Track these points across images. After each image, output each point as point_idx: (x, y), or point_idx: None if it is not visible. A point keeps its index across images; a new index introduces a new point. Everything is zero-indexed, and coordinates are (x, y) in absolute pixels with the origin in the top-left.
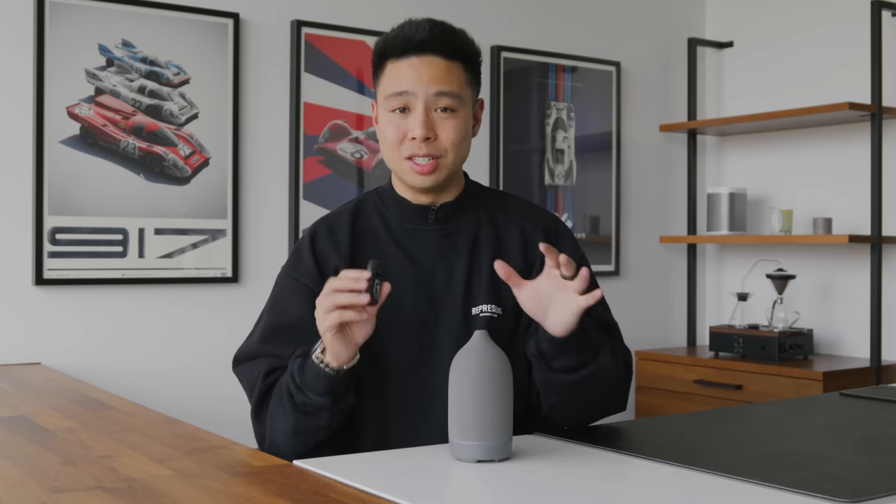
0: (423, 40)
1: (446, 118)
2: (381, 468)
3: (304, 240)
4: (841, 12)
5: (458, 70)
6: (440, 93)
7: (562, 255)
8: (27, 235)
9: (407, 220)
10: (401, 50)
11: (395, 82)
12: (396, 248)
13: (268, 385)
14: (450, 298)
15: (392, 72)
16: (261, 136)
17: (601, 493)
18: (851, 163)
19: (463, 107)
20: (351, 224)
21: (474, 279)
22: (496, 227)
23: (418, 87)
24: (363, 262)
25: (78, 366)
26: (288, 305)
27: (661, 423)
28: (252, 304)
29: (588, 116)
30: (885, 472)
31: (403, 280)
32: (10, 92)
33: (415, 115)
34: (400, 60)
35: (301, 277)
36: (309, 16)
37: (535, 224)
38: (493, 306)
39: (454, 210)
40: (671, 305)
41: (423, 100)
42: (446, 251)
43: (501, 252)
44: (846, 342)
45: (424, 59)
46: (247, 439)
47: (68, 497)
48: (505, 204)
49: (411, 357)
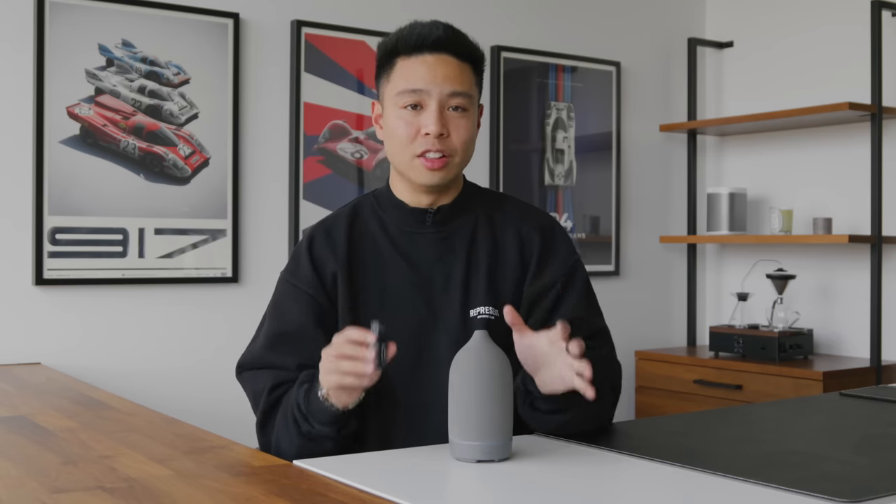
0: (439, 38)
1: (458, 117)
2: (381, 468)
3: (301, 245)
4: (841, 12)
5: (468, 71)
6: (454, 92)
7: (575, 340)
8: (27, 235)
9: (404, 223)
10: (414, 47)
11: (409, 79)
12: (394, 251)
13: (273, 400)
14: (448, 301)
15: (404, 69)
16: (261, 136)
17: (601, 494)
18: (851, 163)
19: (472, 107)
20: (348, 228)
21: (472, 281)
22: (493, 228)
23: (433, 86)
24: (360, 267)
25: (78, 366)
26: (288, 312)
27: (661, 423)
28: (252, 305)
29: (588, 116)
30: (885, 472)
31: (401, 283)
32: (10, 92)
33: (429, 112)
34: (413, 58)
35: (300, 284)
36: (309, 16)
37: (532, 225)
38: (490, 308)
39: (451, 212)
40: (671, 305)
41: (438, 98)
42: (444, 253)
43: (498, 253)
44: (846, 342)
45: (439, 58)
46: (247, 439)
47: (68, 497)
48: (502, 205)
49: (410, 359)
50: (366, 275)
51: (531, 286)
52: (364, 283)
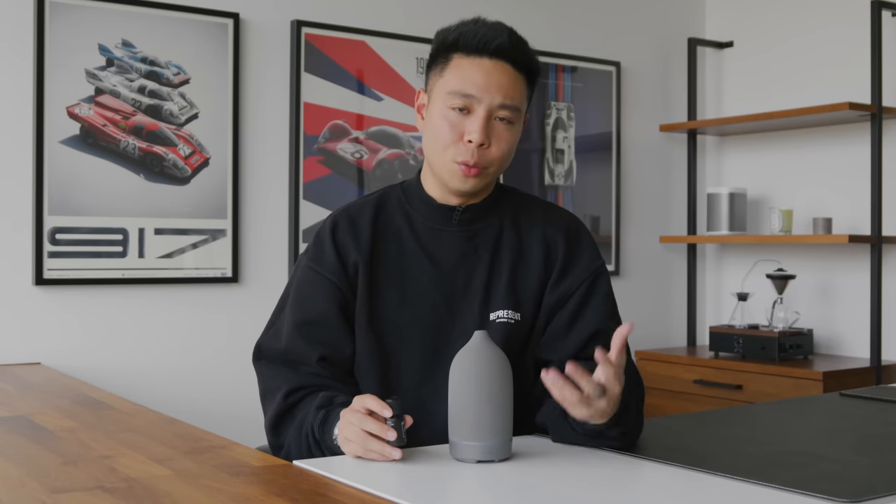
0: (502, 45)
1: (503, 129)
2: (381, 468)
3: (324, 230)
4: (841, 12)
5: (522, 83)
6: (504, 105)
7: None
8: (27, 235)
9: (431, 219)
10: (475, 48)
11: (463, 82)
12: (417, 246)
13: (288, 406)
14: (467, 302)
15: (460, 68)
16: (261, 136)
17: (601, 494)
18: (851, 163)
19: (519, 120)
20: (373, 217)
21: (494, 284)
22: (519, 231)
23: (485, 94)
24: (382, 259)
25: (78, 366)
26: (311, 300)
27: (661, 423)
28: (252, 304)
29: (588, 116)
30: (885, 472)
31: (422, 280)
32: (10, 92)
33: (475, 119)
34: (471, 58)
35: (323, 271)
36: (309, 16)
37: (557, 228)
38: (511, 312)
39: (478, 213)
40: (671, 305)
41: (487, 107)
42: (468, 254)
43: (523, 256)
44: (846, 342)
45: (497, 65)
46: (247, 439)
47: (68, 497)
48: (529, 207)
49: (425, 357)
50: (388, 267)
51: (552, 292)
52: (385, 275)
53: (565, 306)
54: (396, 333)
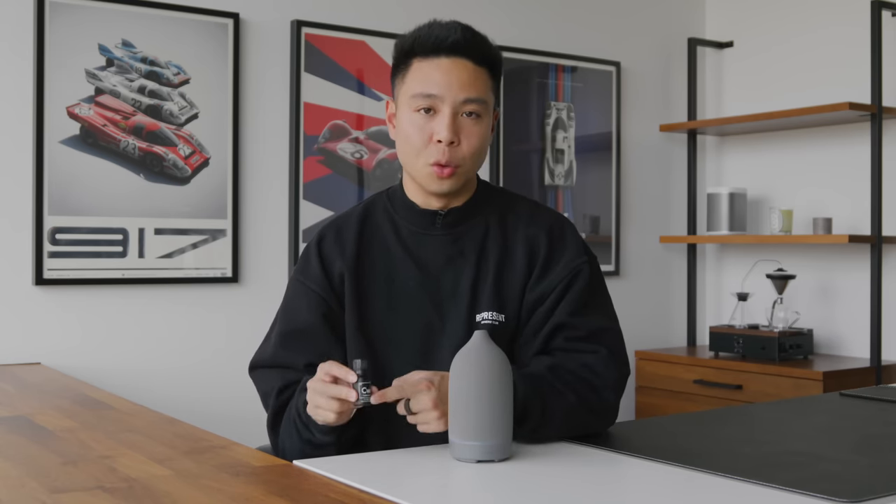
0: (456, 42)
1: (472, 124)
2: (381, 468)
3: (311, 244)
4: (841, 12)
5: (484, 76)
6: (468, 99)
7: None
8: (27, 235)
9: (415, 224)
10: (431, 49)
11: (424, 83)
12: (405, 252)
13: (282, 402)
14: (455, 304)
15: (420, 71)
16: (261, 136)
17: (601, 494)
18: (851, 163)
19: (486, 113)
20: (359, 227)
21: (480, 286)
22: (504, 231)
23: (447, 92)
24: (368, 267)
25: (78, 366)
26: (298, 311)
27: (661, 423)
28: (252, 305)
29: (588, 116)
30: (885, 472)
31: (410, 284)
32: (10, 92)
33: (441, 118)
34: (428, 60)
35: (308, 282)
36: (309, 16)
37: (540, 227)
38: (495, 313)
39: (462, 215)
40: (671, 305)
41: (451, 104)
42: (454, 257)
43: (507, 257)
44: (846, 342)
45: (455, 62)
46: (247, 439)
47: (68, 497)
48: (514, 207)
49: (416, 362)
50: (374, 275)
51: (531, 292)
52: (371, 283)
53: (543, 304)
54: (386, 338)
